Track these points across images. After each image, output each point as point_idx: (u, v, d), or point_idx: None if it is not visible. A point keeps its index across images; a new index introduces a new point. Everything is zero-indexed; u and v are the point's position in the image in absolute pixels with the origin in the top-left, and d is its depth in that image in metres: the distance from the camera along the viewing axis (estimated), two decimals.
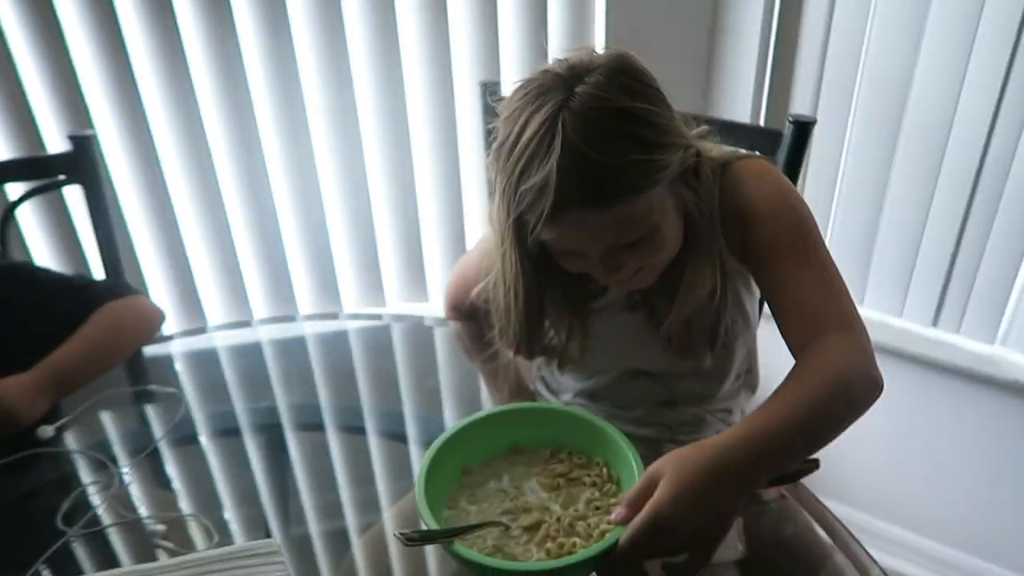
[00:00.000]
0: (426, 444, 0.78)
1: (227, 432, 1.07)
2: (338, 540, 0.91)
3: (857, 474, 1.65)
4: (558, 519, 0.71)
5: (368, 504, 0.95)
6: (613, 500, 0.73)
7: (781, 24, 1.54)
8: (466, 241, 1.67)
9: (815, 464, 0.72)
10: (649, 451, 0.73)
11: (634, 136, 0.73)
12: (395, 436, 1.06)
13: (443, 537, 0.68)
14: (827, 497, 0.93)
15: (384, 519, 0.91)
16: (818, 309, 0.79)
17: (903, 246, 1.57)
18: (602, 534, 0.69)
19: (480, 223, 1.66)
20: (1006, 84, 1.36)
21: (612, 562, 0.64)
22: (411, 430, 1.06)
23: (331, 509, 0.94)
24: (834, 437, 0.72)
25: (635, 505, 0.65)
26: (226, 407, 1.11)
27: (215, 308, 1.57)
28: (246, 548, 0.80)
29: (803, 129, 1.02)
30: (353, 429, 1.08)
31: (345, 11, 1.39)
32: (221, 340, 1.34)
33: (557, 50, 1.59)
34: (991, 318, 1.53)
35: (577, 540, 0.69)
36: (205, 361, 1.25)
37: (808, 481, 0.80)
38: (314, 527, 0.92)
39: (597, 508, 0.72)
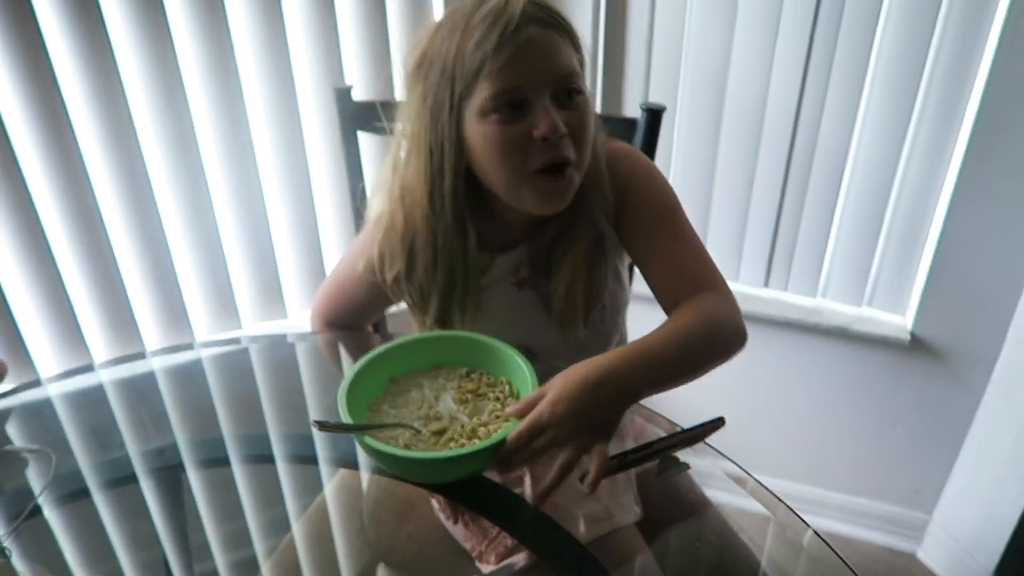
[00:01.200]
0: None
1: (78, 495, 0.96)
2: None
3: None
4: (462, 426, 0.80)
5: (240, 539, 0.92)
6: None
7: (609, 20, 1.62)
8: (322, 248, 1.61)
9: (720, 422, 0.78)
10: None
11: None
12: (267, 458, 1.01)
13: (357, 431, 0.75)
14: None
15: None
16: (690, 272, 0.88)
17: (733, 220, 1.72)
18: None
19: (333, 229, 1.61)
20: (807, 68, 1.52)
21: (501, 455, 0.74)
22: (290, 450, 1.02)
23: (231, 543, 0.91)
24: (702, 369, 0.80)
25: (528, 406, 0.75)
26: (75, 463, 0.99)
27: (47, 357, 1.39)
28: None
29: (655, 116, 1.09)
30: (257, 458, 1.02)
31: (173, 23, 1.29)
32: (59, 390, 1.19)
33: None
34: (812, 276, 1.72)
35: (477, 441, 0.78)
36: (44, 414, 1.11)
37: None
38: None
39: (497, 417, 0.82)
